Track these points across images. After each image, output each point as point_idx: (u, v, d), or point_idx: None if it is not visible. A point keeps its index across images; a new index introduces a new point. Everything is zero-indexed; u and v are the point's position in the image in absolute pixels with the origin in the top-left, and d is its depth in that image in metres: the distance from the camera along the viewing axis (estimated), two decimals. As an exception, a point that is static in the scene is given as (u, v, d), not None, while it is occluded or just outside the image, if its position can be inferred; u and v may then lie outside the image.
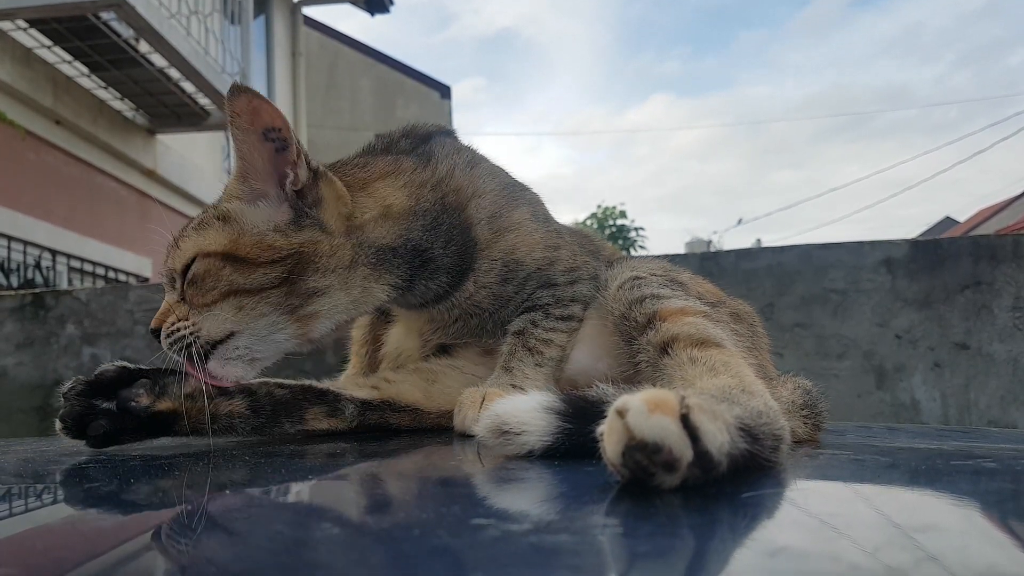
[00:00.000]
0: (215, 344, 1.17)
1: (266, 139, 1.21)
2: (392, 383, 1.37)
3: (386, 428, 1.30)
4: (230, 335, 1.18)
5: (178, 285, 1.22)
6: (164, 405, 1.12)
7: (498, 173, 1.49)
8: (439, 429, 1.33)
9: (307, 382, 1.28)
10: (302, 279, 1.20)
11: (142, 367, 1.16)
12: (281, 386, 1.24)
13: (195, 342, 1.16)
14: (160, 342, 1.20)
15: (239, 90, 1.18)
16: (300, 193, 1.23)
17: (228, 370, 1.19)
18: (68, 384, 1.10)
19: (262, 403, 1.20)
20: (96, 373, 1.12)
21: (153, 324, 1.22)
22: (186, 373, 1.16)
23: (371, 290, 1.28)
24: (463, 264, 1.35)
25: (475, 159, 1.46)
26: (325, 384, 1.32)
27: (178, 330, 1.17)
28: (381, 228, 1.29)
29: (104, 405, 1.09)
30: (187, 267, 1.20)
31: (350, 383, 1.39)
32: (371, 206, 1.30)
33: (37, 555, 0.55)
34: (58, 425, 1.09)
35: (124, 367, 1.14)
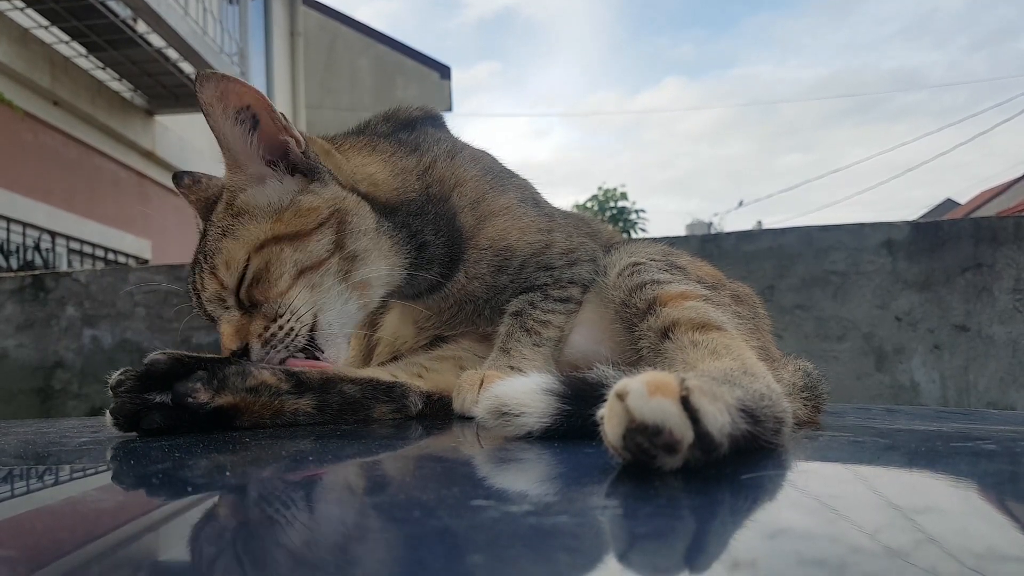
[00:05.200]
0: (311, 330, 1.18)
1: (238, 121, 1.19)
2: (433, 371, 1.35)
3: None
4: (316, 316, 1.19)
5: (232, 300, 1.19)
6: (224, 400, 1.04)
7: (480, 159, 1.48)
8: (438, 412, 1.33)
9: (373, 375, 1.24)
10: (345, 243, 1.22)
11: (197, 356, 1.07)
12: (351, 381, 1.19)
13: (302, 331, 1.16)
14: (250, 358, 1.14)
15: (206, 77, 1.14)
16: (305, 153, 1.23)
17: (333, 352, 1.20)
18: (116, 376, 1.02)
19: (330, 402, 1.14)
20: (147, 364, 1.03)
21: (234, 346, 1.16)
22: (248, 367, 1.09)
23: (395, 263, 1.29)
24: (453, 254, 1.35)
25: (455, 148, 1.45)
26: (387, 375, 1.27)
27: (280, 328, 1.16)
28: (378, 193, 1.30)
29: (157, 399, 1.01)
30: (243, 273, 1.17)
31: (401, 369, 1.34)
32: (358, 175, 1.31)
33: (37, 537, 0.55)
34: (108, 420, 1.01)
35: (177, 357, 1.05)
